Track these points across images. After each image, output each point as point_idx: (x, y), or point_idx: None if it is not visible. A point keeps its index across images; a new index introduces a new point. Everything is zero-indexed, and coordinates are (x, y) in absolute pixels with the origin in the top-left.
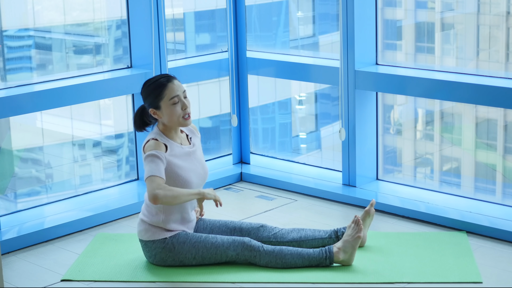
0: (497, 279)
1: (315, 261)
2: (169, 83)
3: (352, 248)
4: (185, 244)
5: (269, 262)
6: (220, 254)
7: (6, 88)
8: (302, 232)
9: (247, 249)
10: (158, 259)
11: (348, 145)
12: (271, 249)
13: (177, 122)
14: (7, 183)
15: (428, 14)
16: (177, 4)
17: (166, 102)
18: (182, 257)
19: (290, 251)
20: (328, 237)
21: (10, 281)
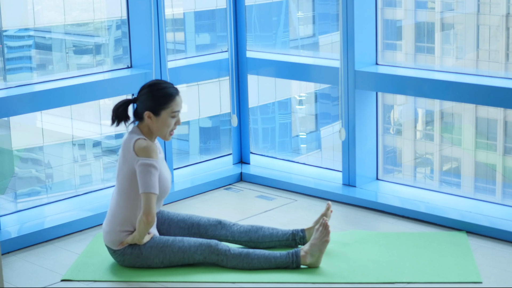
0: (497, 279)
1: (282, 265)
2: (177, 96)
3: (319, 251)
4: (152, 249)
5: (236, 265)
6: (187, 258)
7: (6, 88)
8: (260, 232)
9: (214, 253)
10: (127, 264)
11: (348, 145)
12: (238, 252)
13: (164, 134)
14: (7, 183)
15: (428, 14)
16: (177, 4)
17: (167, 113)
18: (150, 262)
19: (256, 255)
20: (285, 239)
21: (10, 281)
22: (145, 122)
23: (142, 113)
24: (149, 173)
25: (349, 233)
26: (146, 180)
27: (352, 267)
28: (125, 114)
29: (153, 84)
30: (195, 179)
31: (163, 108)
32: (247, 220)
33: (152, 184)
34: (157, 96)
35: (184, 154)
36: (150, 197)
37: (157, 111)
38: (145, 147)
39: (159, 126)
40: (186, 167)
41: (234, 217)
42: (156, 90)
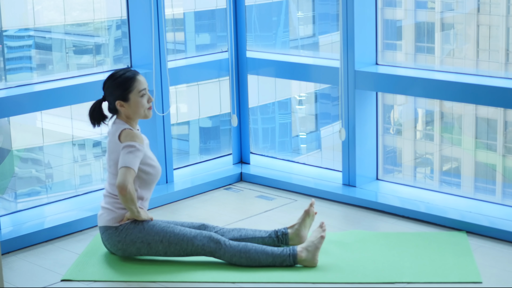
0: (497, 279)
1: (279, 259)
2: (138, 76)
3: (315, 247)
4: (154, 227)
5: (233, 255)
6: (186, 242)
7: (6, 88)
8: (242, 231)
9: (213, 241)
10: (128, 241)
11: (348, 145)
12: (236, 244)
13: (143, 113)
14: (7, 183)
15: (428, 14)
16: (177, 4)
17: (135, 94)
18: (150, 239)
19: (254, 247)
20: (268, 236)
21: (10, 281)
22: (121, 112)
23: (114, 105)
24: (130, 152)
25: (349, 233)
26: (126, 157)
27: (352, 267)
28: (101, 114)
29: (111, 75)
30: (195, 179)
31: (129, 91)
32: (247, 220)
33: (130, 161)
34: (119, 83)
35: (184, 154)
36: (125, 171)
37: (125, 97)
38: (129, 133)
39: (134, 109)
40: (186, 167)
41: (234, 217)
42: (116, 78)
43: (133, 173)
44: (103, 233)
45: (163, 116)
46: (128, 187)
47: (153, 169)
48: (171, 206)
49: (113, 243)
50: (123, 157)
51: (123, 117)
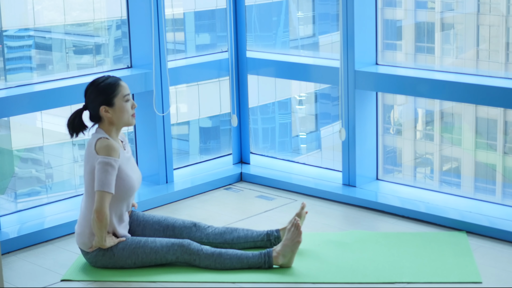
0: (497, 279)
1: (254, 265)
2: (121, 82)
3: (291, 252)
4: (124, 251)
5: (208, 265)
6: (160, 259)
7: (6, 88)
8: (234, 233)
9: (187, 252)
10: (100, 266)
11: (348, 145)
12: (211, 252)
13: (127, 119)
14: (7, 183)
15: (428, 14)
16: (177, 4)
17: (120, 99)
18: (122, 263)
19: (229, 255)
20: (260, 239)
21: (10, 281)
22: (104, 119)
23: (98, 112)
24: (106, 171)
25: (349, 233)
26: (102, 178)
27: (352, 267)
28: (81, 124)
29: (93, 81)
30: (195, 179)
31: (114, 95)
32: (247, 220)
33: (107, 183)
34: (103, 88)
35: (184, 154)
36: (103, 196)
37: (110, 101)
38: (106, 145)
39: (118, 115)
40: (186, 167)
41: (234, 217)
42: (99, 84)
43: (110, 196)
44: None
45: (163, 116)
46: (106, 213)
47: (126, 183)
48: (171, 206)
49: (90, 263)
50: (99, 177)
51: (105, 125)
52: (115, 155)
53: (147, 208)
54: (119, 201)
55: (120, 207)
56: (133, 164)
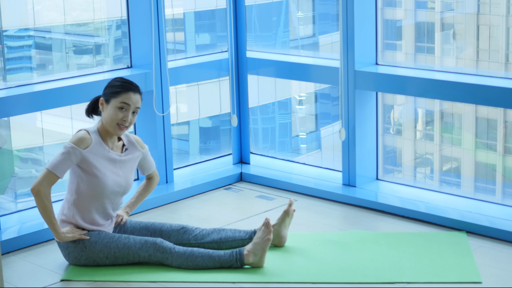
0: (496, 279)
1: (226, 263)
2: (131, 92)
3: (262, 250)
4: (96, 244)
5: (181, 264)
6: (132, 255)
7: (6, 88)
8: (222, 233)
9: (159, 250)
10: (72, 258)
11: (348, 145)
12: (183, 251)
13: (111, 125)
14: (7, 183)
15: (428, 14)
16: (177, 4)
17: (116, 102)
18: (95, 256)
19: (201, 254)
20: (248, 237)
21: (10, 281)
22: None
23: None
24: (60, 154)
25: (349, 233)
26: (55, 158)
27: (352, 267)
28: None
29: (118, 77)
30: (195, 179)
31: (114, 96)
32: (247, 220)
33: (54, 163)
34: (114, 84)
35: (184, 154)
36: (46, 173)
37: (108, 98)
38: (76, 135)
39: (107, 115)
40: (186, 167)
41: (234, 217)
42: (118, 80)
43: (54, 178)
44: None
45: (163, 116)
46: (40, 189)
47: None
48: (171, 206)
49: (64, 256)
50: (54, 157)
51: (101, 122)
52: (79, 146)
53: (147, 208)
54: (94, 196)
55: (98, 204)
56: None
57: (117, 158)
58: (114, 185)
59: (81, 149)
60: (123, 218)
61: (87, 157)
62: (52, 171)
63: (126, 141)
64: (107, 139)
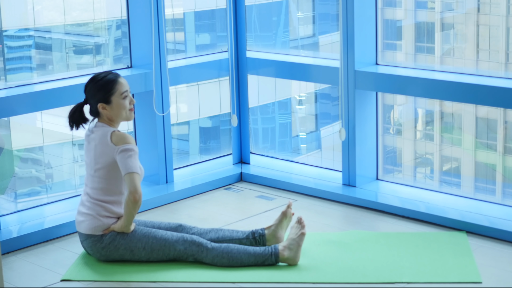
0: (497, 279)
1: (261, 258)
2: (119, 79)
3: (297, 245)
4: (136, 233)
5: (215, 257)
6: (168, 247)
7: (6, 88)
8: (219, 232)
9: (195, 244)
10: (112, 248)
11: (348, 145)
12: (218, 245)
13: (124, 115)
14: (7, 183)
15: (428, 14)
16: (177, 4)
17: (117, 97)
18: (133, 246)
19: (236, 248)
20: (245, 237)
21: (10, 281)
22: (103, 115)
23: (96, 107)
24: (129, 156)
25: (349, 233)
26: (128, 162)
27: (352, 267)
28: (82, 117)
29: (93, 78)
30: (195, 179)
31: (111, 93)
32: (247, 220)
33: (133, 165)
34: (101, 86)
35: (184, 154)
36: (133, 177)
37: (107, 99)
38: (121, 135)
39: (116, 112)
40: (186, 167)
41: (234, 217)
42: (98, 81)
43: (139, 177)
44: (85, 240)
45: (163, 116)
46: (141, 193)
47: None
48: (171, 206)
49: (96, 250)
50: (124, 163)
51: (105, 120)
52: (132, 142)
53: (147, 208)
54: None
55: None
56: None
57: None
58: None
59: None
60: None
61: None
62: (136, 172)
63: None
64: None
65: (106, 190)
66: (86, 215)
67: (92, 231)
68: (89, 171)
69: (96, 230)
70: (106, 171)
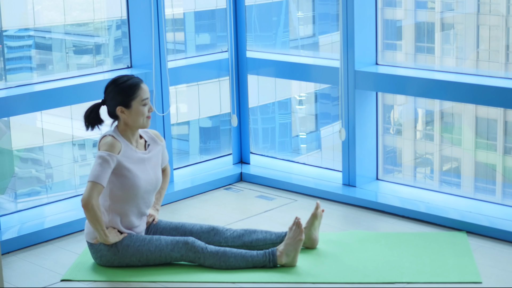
0: (497, 279)
1: (259, 264)
2: (142, 84)
3: (294, 250)
4: (129, 248)
5: (213, 263)
6: (164, 256)
7: (6, 88)
8: (253, 235)
9: (191, 250)
10: (104, 261)
11: (348, 145)
12: (215, 250)
13: (141, 122)
14: (7, 183)
15: (428, 14)
16: (177, 4)
17: (138, 102)
18: (127, 260)
19: (233, 254)
20: (280, 241)
21: (10, 281)
22: (121, 119)
23: (114, 110)
24: (99, 164)
25: (349, 233)
26: (94, 169)
27: (352, 267)
28: (97, 118)
29: (115, 80)
30: (195, 179)
31: (132, 98)
32: (247, 220)
33: (97, 175)
34: (123, 89)
35: (184, 154)
36: (92, 186)
37: (127, 103)
38: (106, 142)
39: (134, 117)
40: (186, 167)
41: (234, 217)
42: (120, 84)
43: (100, 188)
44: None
45: (163, 116)
46: (91, 202)
47: (129, 180)
48: (171, 206)
49: (94, 257)
50: (92, 169)
51: (121, 125)
52: (114, 152)
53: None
54: (128, 199)
55: (133, 205)
56: (149, 165)
57: (144, 156)
58: (147, 184)
59: (116, 155)
60: (155, 218)
61: (122, 161)
62: (97, 182)
63: (147, 137)
64: (131, 140)
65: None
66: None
67: (86, 237)
68: None
69: (88, 236)
70: None
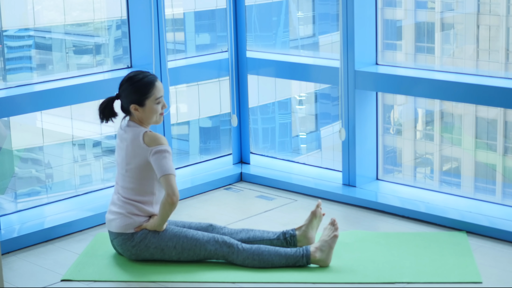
0: (497, 279)
1: (292, 260)
2: (157, 83)
3: (329, 247)
4: (167, 232)
5: (246, 258)
6: (199, 247)
7: (6, 88)
8: (250, 233)
9: (226, 245)
10: (142, 247)
11: (348, 145)
12: (249, 247)
13: (155, 119)
14: (7, 183)
15: (428, 14)
16: (177, 4)
17: (152, 101)
18: (163, 245)
19: (267, 249)
20: (276, 238)
21: (10, 281)
22: (134, 115)
23: (128, 107)
24: (164, 158)
25: (349, 233)
26: (163, 164)
27: (352, 267)
28: (112, 111)
29: (131, 77)
30: (195, 179)
31: (147, 97)
32: (247, 220)
33: (168, 167)
34: (138, 87)
35: (184, 154)
36: (170, 178)
37: (141, 102)
38: (154, 136)
39: (147, 115)
40: (186, 167)
41: (234, 217)
42: (136, 82)
43: (175, 178)
44: (116, 238)
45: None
46: (177, 193)
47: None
48: None
49: (126, 249)
50: (159, 164)
51: (136, 120)
52: (165, 142)
53: None
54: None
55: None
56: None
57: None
58: None
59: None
60: None
61: None
62: (173, 173)
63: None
64: None
65: (138, 190)
66: (117, 214)
67: (123, 229)
68: (120, 170)
69: (127, 228)
70: (138, 172)
